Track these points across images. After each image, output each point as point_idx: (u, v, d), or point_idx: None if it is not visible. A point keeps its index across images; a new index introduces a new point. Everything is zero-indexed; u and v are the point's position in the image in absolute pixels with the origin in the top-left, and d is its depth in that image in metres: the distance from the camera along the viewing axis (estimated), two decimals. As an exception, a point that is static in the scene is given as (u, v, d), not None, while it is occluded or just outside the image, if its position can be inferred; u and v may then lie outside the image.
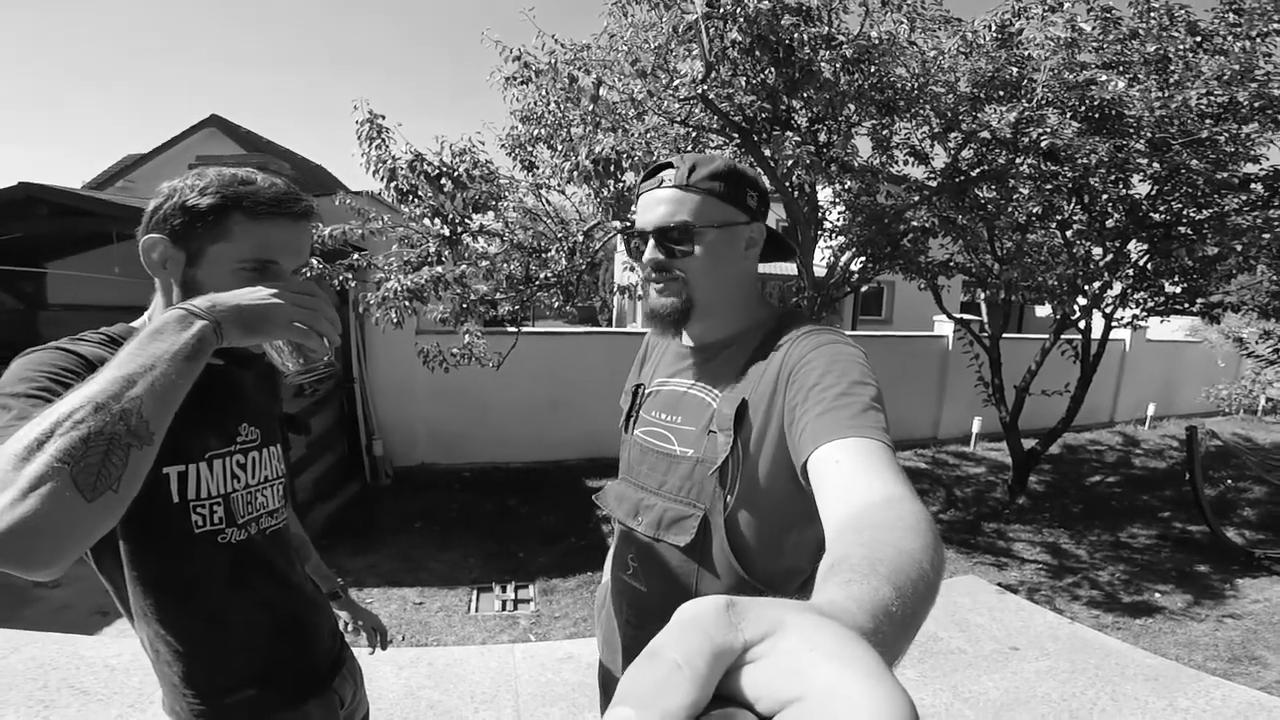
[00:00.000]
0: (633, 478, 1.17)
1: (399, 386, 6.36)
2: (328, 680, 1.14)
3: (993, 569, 4.60)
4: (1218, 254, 5.02)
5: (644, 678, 0.24)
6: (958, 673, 2.98)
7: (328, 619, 1.20)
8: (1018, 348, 7.43)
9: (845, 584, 0.43)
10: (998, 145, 4.40)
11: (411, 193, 4.41)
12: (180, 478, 0.93)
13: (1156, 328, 9.57)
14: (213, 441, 0.99)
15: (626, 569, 1.17)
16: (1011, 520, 5.65)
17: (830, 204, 6.10)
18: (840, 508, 0.66)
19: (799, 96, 4.24)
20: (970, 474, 7.10)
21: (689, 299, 1.04)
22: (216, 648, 1.00)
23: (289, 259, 0.96)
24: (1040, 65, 4.09)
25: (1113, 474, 7.47)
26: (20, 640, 2.91)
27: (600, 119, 4.16)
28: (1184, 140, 4.13)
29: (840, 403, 0.82)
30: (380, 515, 5.35)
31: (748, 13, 3.53)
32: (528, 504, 5.59)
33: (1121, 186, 4.83)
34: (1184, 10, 4.31)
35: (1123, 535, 5.45)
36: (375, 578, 4.21)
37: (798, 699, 0.23)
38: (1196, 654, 3.51)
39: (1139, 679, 2.92)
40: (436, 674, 2.86)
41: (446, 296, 4.35)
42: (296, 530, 1.34)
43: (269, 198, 0.92)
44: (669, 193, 1.02)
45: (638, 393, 1.22)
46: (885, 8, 4.14)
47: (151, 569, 0.95)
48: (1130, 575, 4.62)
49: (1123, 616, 3.96)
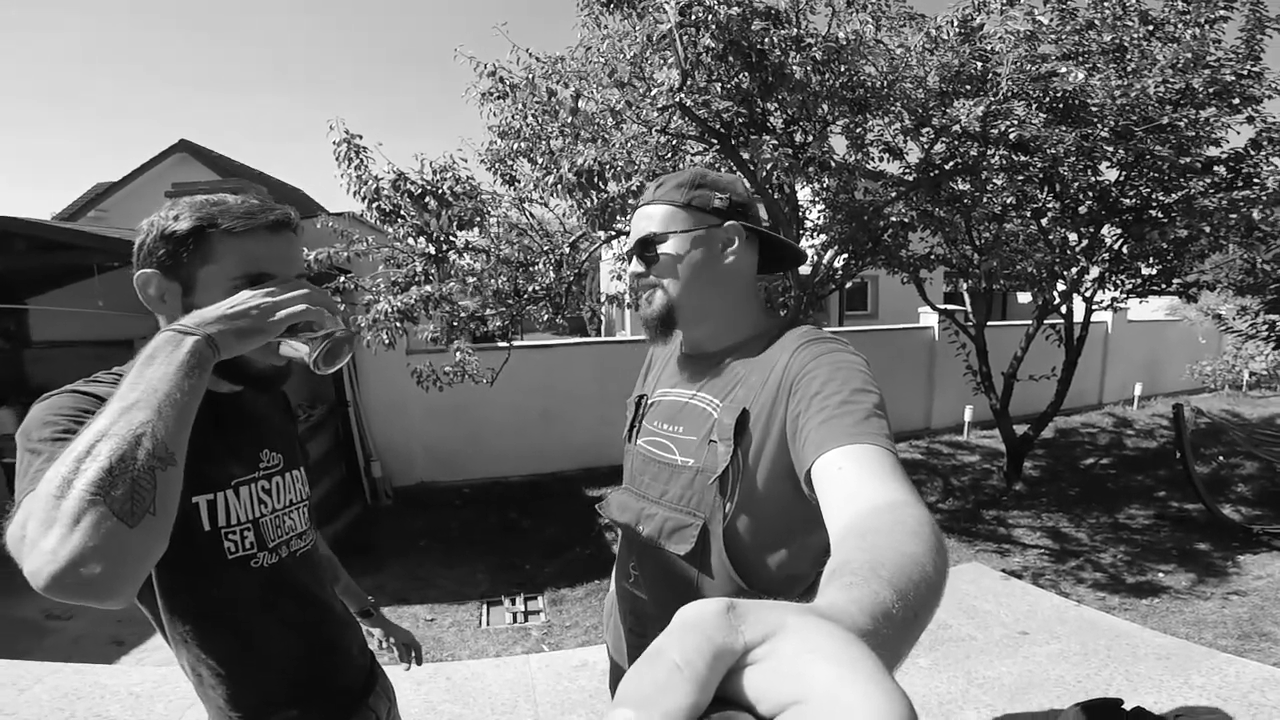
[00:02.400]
0: (635, 487, 1.18)
1: (393, 407, 6.37)
2: (363, 698, 1.15)
3: (995, 556, 4.65)
4: (1189, 236, 5.13)
5: (645, 679, 0.24)
6: (970, 659, 3.00)
7: (357, 637, 1.21)
8: (1003, 335, 7.52)
9: (846, 587, 0.43)
10: (968, 139, 4.49)
11: (395, 213, 4.43)
12: (210, 506, 0.95)
13: (1137, 308, 9.70)
14: (237, 469, 1.00)
15: (628, 577, 1.19)
16: (1010, 506, 5.72)
17: (810, 203, 6.17)
18: (844, 514, 0.67)
19: (773, 99, 4.30)
20: (965, 462, 7.17)
21: (667, 303, 1.09)
22: (256, 669, 1.01)
23: (279, 269, 0.94)
24: (1004, 59, 4.17)
25: (1106, 455, 7.56)
26: (42, 671, 2.92)
27: (579, 130, 4.20)
28: (1146, 127, 4.24)
29: (843, 410, 0.83)
30: (384, 535, 5.36)
31: (719, 19, 3.59)
32: (529, 517, 5.61)
33: (1090, 174, 4.94)
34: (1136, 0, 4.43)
35: (1121, 516, 5.52)
36: (384, 597, 4.22)
37: (797, 701, 0.23)
38: (1206, 632, 3.55)
39: (1151, 658, 2.93)
40: (455, 688, 2.87)
41: (436, 315, 4.38)
42: (325, 551, 1.35)
43: (243, 212, 0.92)
44: (642, 210, 1.11)
45: (640, 403, 1.24)
46: (850, 8, 4.21)
47: (187, 596, 0.96)
48: (1132, 556, 4.67)
49: (1129, 597, 4.01)
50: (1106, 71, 4.22)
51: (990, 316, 7.02)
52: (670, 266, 1.08)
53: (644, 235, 1.09)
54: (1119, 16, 4.44)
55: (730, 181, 1.11)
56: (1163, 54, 4.14)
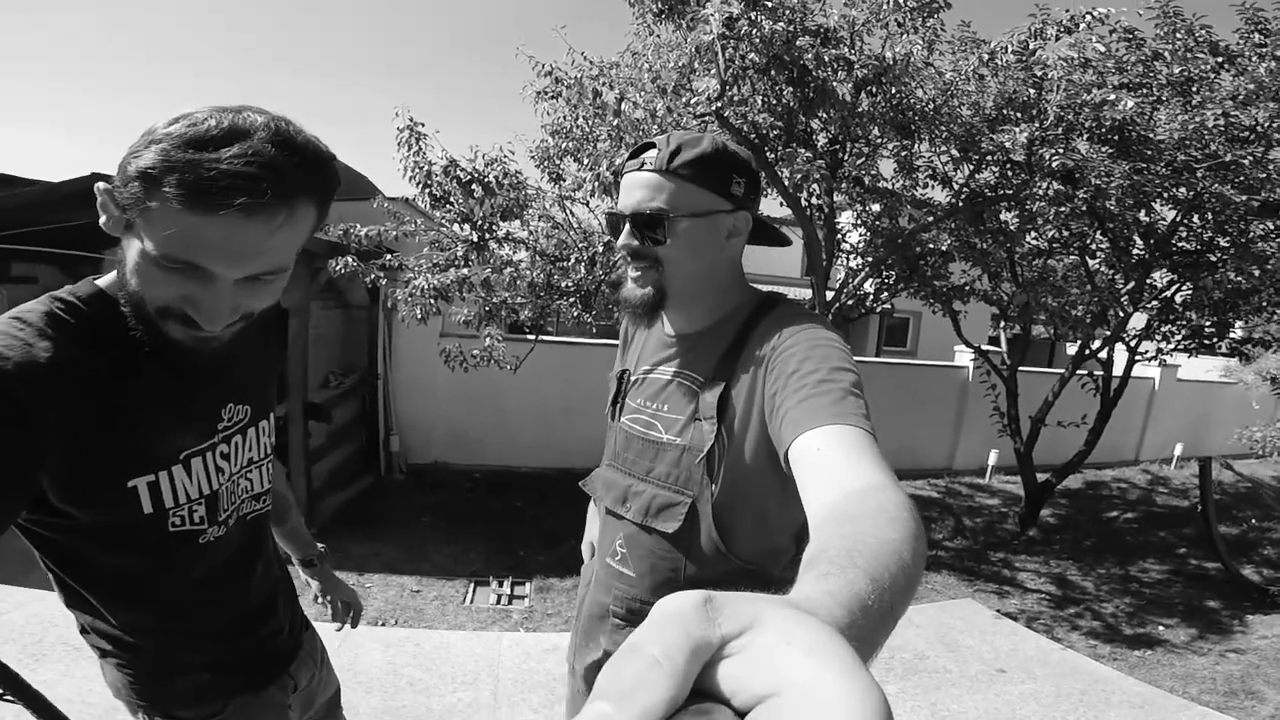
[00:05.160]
0: (619, 464, 1.18)
1: (421, 385, 6.53)
2: (285, 664, 1.09)
3: (994, 596, 4.55)
4: (1250, 287, 4.90)
5: (623, 673, 0.24)
6: (939, 690, 2.97)
7: (288, 600, 1.13)
8: (1039, 381, 7.33)
9: (823, 577, 0.43)
10: (1014, 167, 4.41)
11: (444, 198, 4.61)
12: (151, 488, 0.81)
13: (1188, 366, 9.36)
14: (188, 440, 0.86)
15: (615, 555, 1.17)
16: (1019, 551, 5.56)
17: (852, 226, 6.14)
18: (822, 497, 0.66)
19: (815, 116, 4.32)
20: (983, 504, 7.01)
21: (661, 289, 1.03)
22: (172, 638, 0.93)
23: (225, 263, 0.71)
24: (1055, 85, 4.08)
25: (1131, 510, 7.29)
26: (25, 597, 3.01)
27: (624, 134, 4.30)
28: (1207, 164, 4.04)
29: (820, 390, 0.82)
30: (390, 507, 5.49)
31: (763, 34, 3.64)
32: (534, 506, 5.69)
33: (1143, 211, 4.74)
34: (1205, 31, 4.24)
35: (1133, 569, 5.32)
36: (377, 564, 4.33)
37: (774, 694, 0.23)
38: (1192, 686, 3.43)
39: (1124, 706, 2.88)
40: (422, 655, 2.93)
41: (470, 299, 4.51)
42: (281, 489, 1.27)
43: (210, 175, 0.65)
44: (648, 176, 0.99)
45: (623, 379, 1.23)
46: (902, 29, 4.20)
47: (106, 570, 0.85)
48: (1135, 608, 4.51)
49: (1121, 648, 3.87)
50: (1172, 105, 4.06)
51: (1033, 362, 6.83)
52: (674, 249, 1.01)
53: (653, 209, 0.99)
54: (1189, 48, 4.24)
55: (747, 158, 1.04)
56: (1226, 87, 3.94)
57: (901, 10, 4.06)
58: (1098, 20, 3.91)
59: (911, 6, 4.09)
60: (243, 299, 0.76)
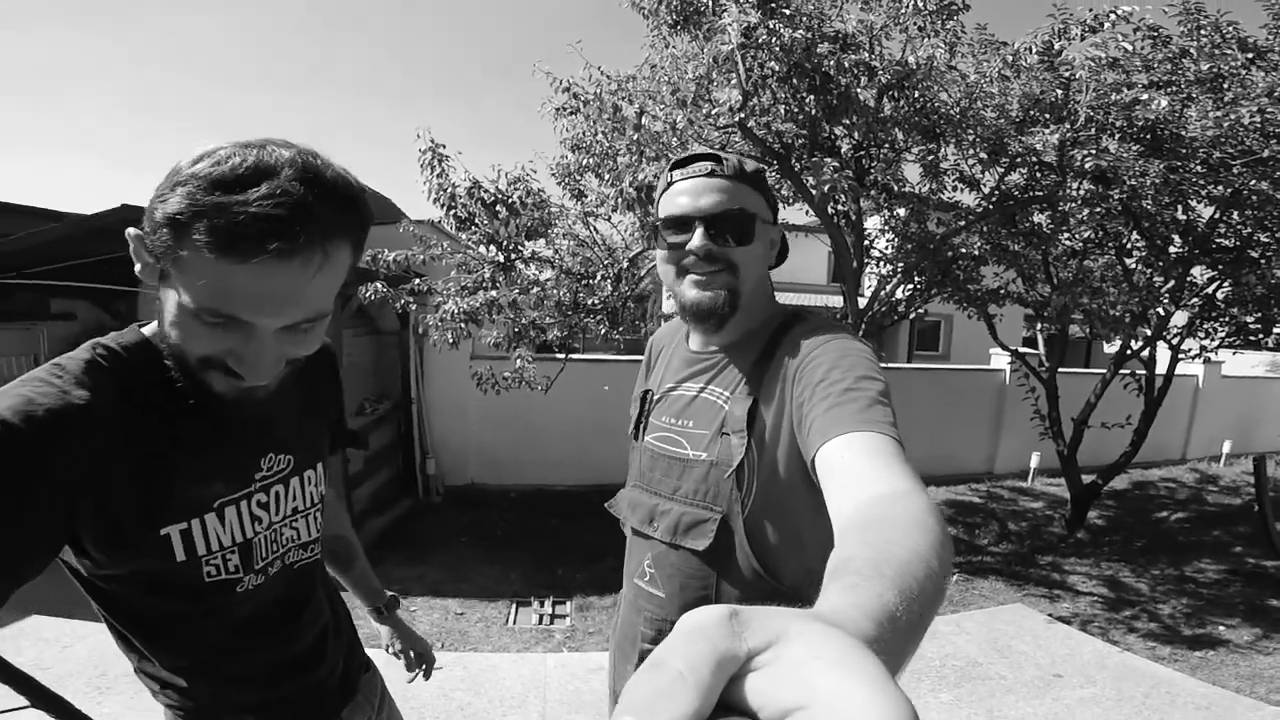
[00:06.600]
0: (645, 484, 1.15)
1: (454, 409, 6.59)
2: (338, 705, 1.07)
3: (1044, 600, 4.42)
4: (1291, 280, 4.77)
5: (648, 686, 0.24)
6: (995, 698, 2.89)
7: (343, 645, 1.10)
8: (1079, 382, 7.18)
9: (850, 589, 0.42)
10: (1045, 169, 4.35)
11: (470, 220, 4.65)
12: (184, 536, 0.81)
13: (1233, 362, 9.12)
14: (221, 488, 0.86)
15: (643, 576, 1.14)
16: (1068, 554, 5.41)
17: (880, 231, 6.09)
18: (846, 504, 0.66)
19: (839, 123, 4.30)
20: (1027, 508, 6.85)
21: (736, 292, 1.02)
22: (213, 681, 0.92)
23: (260, 313, 0.70)
24: (1084, 86, 4.04)
25: (1182, 510, 7.07)
26: (88, 630, 3.06)
27: (644, 148, 4.31)
28: (1244, 160, 3.99)
29: (846, 398, 0.82)
30: (430, 530, 5.53)
31: (784, 42, 3.64)
32: (570, 524, 5.68)
33: (1180, 210, 4.68)
34: (1233, 27, 4.19)
35: (1188, 569, 5.15)
36: (421, 587, 4.36)
37: (800, 708, 0.23)
38: (1260, 686, 3.29)
39: (1189, 708, 2.78)
40: (470, 678, 2.95)
41: (499, 321, 4.54)
42: (347, 534, 1.28)
43: (240, 220, 0.63)
44: (722, 182, 0.99)
45: (646, 399, 1.20)
46: (923, 33, 4.18)
47: (146, 615, 0.86)
48: (1194, 609, 4.36)
49: (1181, 649, 3.73)
50: (1203, 102, 4.01)
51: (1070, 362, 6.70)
52: (752, 252, 1.02)
53: (737, 209, 0.99)
54: (1216, 45, 4.18)
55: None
56: (1261, 83, 3.89)
57: (921, 14, 4.03)
58: (1121, 19, 3.87)
59: (931, 9, 4.06)
60: (286, 348, 0.76)
